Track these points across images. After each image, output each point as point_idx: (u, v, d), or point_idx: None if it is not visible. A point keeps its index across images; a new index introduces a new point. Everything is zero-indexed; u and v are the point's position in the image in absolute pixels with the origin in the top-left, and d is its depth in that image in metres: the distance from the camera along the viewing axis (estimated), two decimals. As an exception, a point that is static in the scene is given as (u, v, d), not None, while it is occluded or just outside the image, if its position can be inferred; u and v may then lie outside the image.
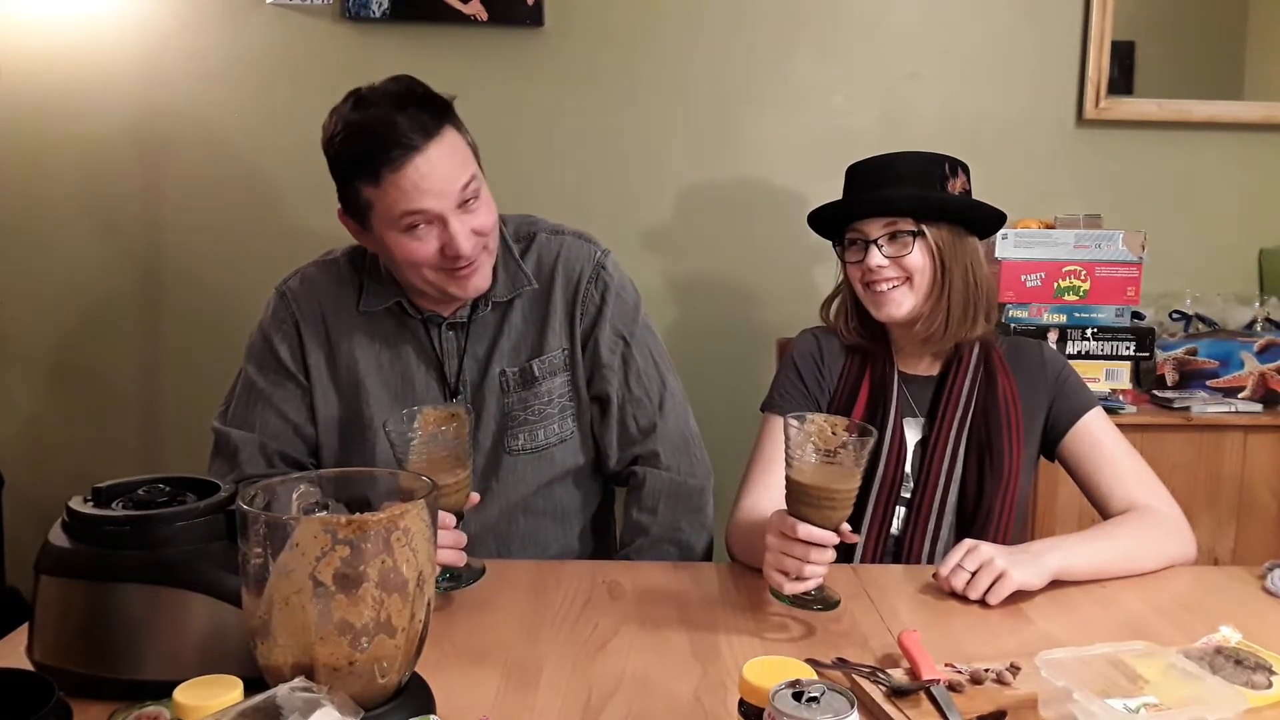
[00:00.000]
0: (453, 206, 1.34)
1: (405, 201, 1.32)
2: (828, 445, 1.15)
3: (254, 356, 1.51)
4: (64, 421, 2.43)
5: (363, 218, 1.38)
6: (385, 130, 1.30)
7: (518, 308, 1.50)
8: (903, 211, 1.49)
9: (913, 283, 1.50)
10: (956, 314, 1.51)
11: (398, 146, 1.30)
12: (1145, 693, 0.94)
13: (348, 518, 0.84)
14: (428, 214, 1.33)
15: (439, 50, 2.32)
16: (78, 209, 2.37)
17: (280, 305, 1.51)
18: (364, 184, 1.34)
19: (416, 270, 1.38)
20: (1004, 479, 1.49)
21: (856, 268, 1.52)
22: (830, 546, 1.16)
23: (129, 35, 2.33)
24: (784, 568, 1.17)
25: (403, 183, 1.31)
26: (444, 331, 1.49)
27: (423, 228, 1.34)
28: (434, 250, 1.35)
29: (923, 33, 2.40)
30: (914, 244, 1.49)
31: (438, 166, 1.32)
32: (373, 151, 1.30)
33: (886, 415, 1.53)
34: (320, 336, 1.49)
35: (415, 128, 1.31)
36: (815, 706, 0.74)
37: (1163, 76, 2.46)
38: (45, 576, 0.98)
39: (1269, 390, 2.21)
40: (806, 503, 1.15)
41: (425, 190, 1.31)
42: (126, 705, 0.93)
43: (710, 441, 2.33)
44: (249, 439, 1.46)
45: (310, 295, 1.50)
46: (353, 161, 1.34)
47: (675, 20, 2.37)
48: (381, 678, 0.87)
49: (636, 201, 2.41)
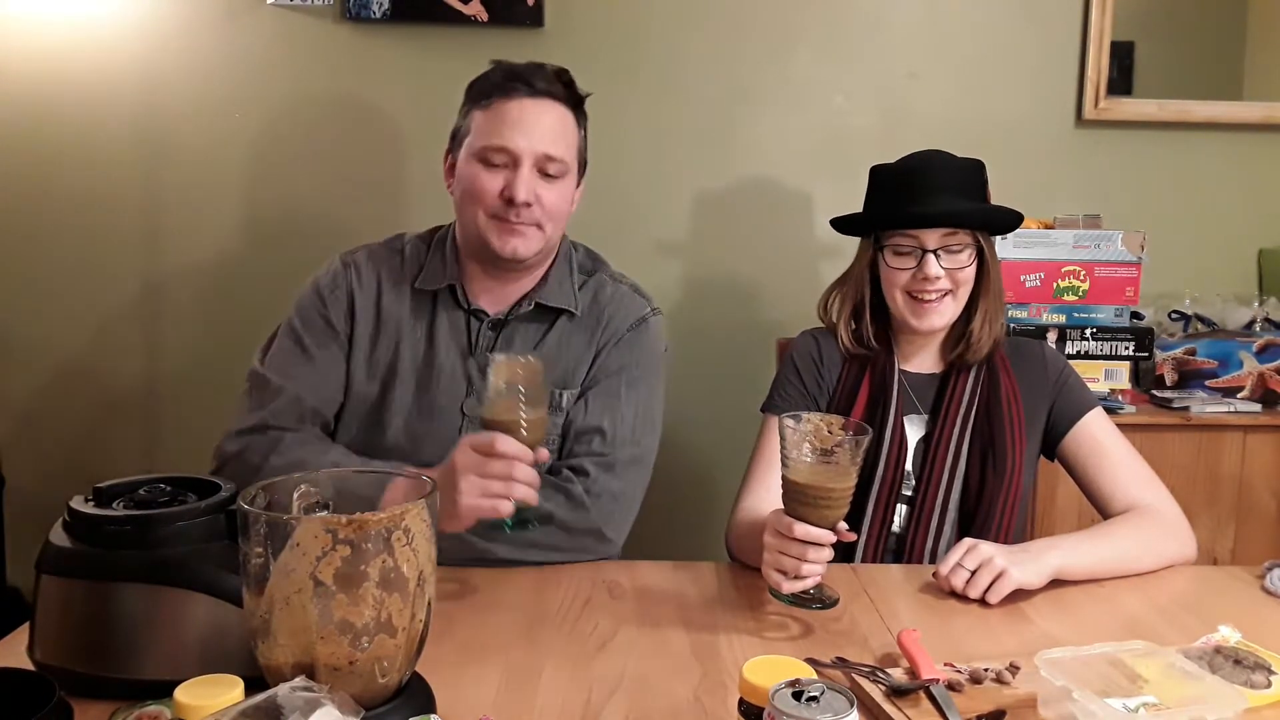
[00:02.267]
0: (531, 159, 1.41)
1: (496, 130, 1.41)
2: (824, 444, 1.15)
3: (302, 313, 1.50)
4: (64, 421, 2.43)
5: (458, 147, 1.47)
6: (521, 72, 1.43)
7: (557, 331, 1.50)
8: (969, 224, 1.48)
9: (957, 294, 1.51)
10: (993, 321, 1.53)
11: (522, 84, 1.42)
12: (1145, 692, 0.94)
13: (348, 517, 0.84)
14: (508, 151, 1.40)
15: (439, 51, 2.32)
16: (78, 209, 2.37)
17: (341, 272, 1.52)
18: (477, 108, 1.44)
19: (475, 207, 1.43)
20: (1007, 476, 1.49)
21: (902, 274, 1.50)
22: (828, 545, 1.16)
23: (129, 35, 2.32)
24: (782, 567, 1.17)
25: (504, 113, 1.41)
26: (484, 330, 1.49)
27: (498, 164, 1.41)
28: (497, 188, 1.41)
29: (923, 33, 2.40)
30: (972, 256, 1.49)
31: (541, 119, 1.42)
32: (501, 82, 1.43)
33: (887, 413, 1.53)
34: (370, 311, 1.50)
35: (545, 83, 1.43)
36: (815, 706, 0.75)
37: (1162, 77, 2.46)
38: (46, 576, 0.99)
39: (1268, 390, 2.21)
40: (803, 502, 1.15)
41: (517, 128, 1.40)
42: (127, 705, 0.93)
43: (710, 441, 2.35)
44: (287, 388, 1.44)
45: (371, 270, 1.52)
46: (482, 87, 1.45)
47: (675, 20, 2.37)
48: (382, 677, 0.88)
49: (637, 201, 2.40)
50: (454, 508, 1.19)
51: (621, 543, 1.45)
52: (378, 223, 2.07)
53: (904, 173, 1.54)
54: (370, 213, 2.34)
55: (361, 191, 2.38)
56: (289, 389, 1.44)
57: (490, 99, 1.42)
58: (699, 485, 2.39)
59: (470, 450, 1.21)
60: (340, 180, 2.37)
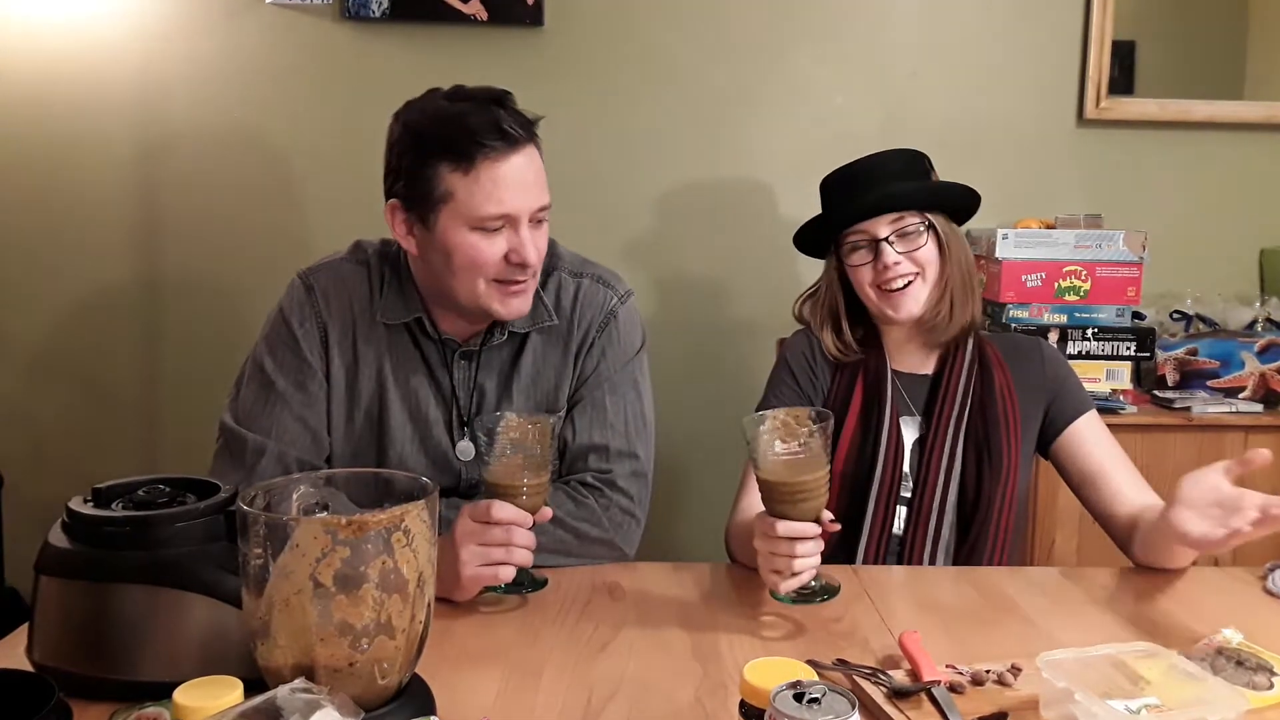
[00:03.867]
0: (528, 216, 1.31)
1: (495, 195, 1.28)
2: (794, 437, 1.14)
3: (273, 348, 1.39)
4: (64, 421, 2.43)
5: (429, 211, 1.30)
6: (490, 120, 1.27)
7: (531, 347, 1.43)
8: (911, 204, 1.49)
9: (925, 276, 1.51)
10: (958, 301, 1.52)
11: (499, 138, 1.27)
12: (1147, 694, 0.94)
13: (348, 518, 0.84)
14: (509, 215, 1.29)
15: (439, 50, 2.32)
16: (78, 209, 2.37)
17: (307, 300, 1.41)
18: (451, 170, 1.27)
19: (474, 275, 1.31)
20: (1003, 475, 1.49)
21: (866, 270, 1.52)
22: (814, 538, 1.15)
23: (128, 35, 2.32)
24: (776, 567, 1.17)
25: (494, 177, 1.27)
26: (456, 360, 1.42)
27: (498, 229, 1.30)
28: (500, 254, 1.30)
29: (923, 33, 2.40)
30: (927, 236, 1.49)
31: (527, 172, 1.30)
32: (475, 137, 1.26)
33: (882, 414, 1.53)
34: (347, 341, 1.40)
35: (517, 126, 1.29)
36: (816, 708, 0.74)
37: (1163, 76, 2.46)
38: (45, 577, 0.98)
39: (1269, 390, 2.21)
40: (782, 499, 1.15)
41: (513, 190, 1.29)
42: (126, 706, 0.93)
43: (708, 442, 2.35)
44: (267, 446, 1.34)
45: (341, 295, 1.41)
46: (446, 145, 1.27)
47: (675, 20, 2.37)
48: (382, 679, 0.87)
49: (637, 201, 2.40)
50: (457, 579, 1.19)
51: (634, 553, 1.41)
52: (378, 222, 2.05)
53: (844, 174, 1.57)
54: (370, 212, 2.32)
55: (361, 191, 2.35)
56: (270, 447, 1.34)
57: (471, 161, 1.27)
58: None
59: (469, 519, 1.19)
60: (340, 180, 2.36)
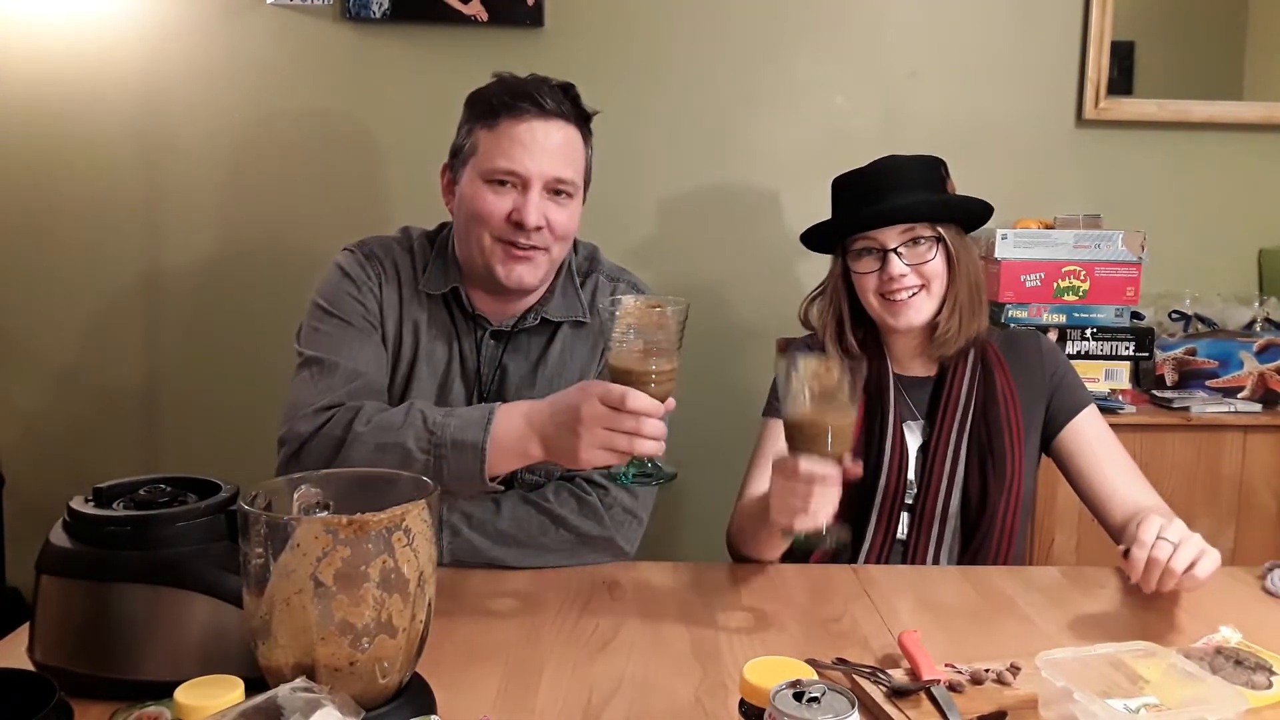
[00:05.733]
0: (541, 182, 1.37)
1: (505, 151, 1.36)
2: (825, 380, 1.13)
3: (336, 301, 1.43)
4: (64, 421, 2.43)
5: (461, 165, 1.42)
6: (529, 89, 1.38)
7: (560, 341, 1.47)
8: (922, 216, 1.48)
9: (930, 289, 1.50)
10: (966, 313, 1.51)
11: (530, 104, 1.37)
12: (1146, 693, 0.94)
13: (349, 518, 0.84)
14: (518, 174, 1.36)
15: (439, 50, 2.32)
16: (78, 209, 2.37)
17: (366, 262, 1.46)
18: (482, 126, 1.39)
19: (480, 228, 1.38)
20: (1007, 480, 1.49)
21: (871, 278, 1.51)
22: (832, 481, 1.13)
23: (129, 36, 2.32)
24: (793, 505, 1.14)
25: (513, 134, 1.36)
26: (486, 338, 1.46)
27: (507, 186, 1.37)
28: (504, 211, 1.37)
29: (923, 33, 2.40)
30: (936, 249, 1.48)
31: (550, 140, 1.37)
32: (507, 99, 1.37)
33: (885, 420, 1.52)
34: (394, 303, 1.45)
35: (553, 101, 1.38)
36: (816, 707, 0.75)
37: (1162, 76, 2.46)
38: (46, 576, 0.98)
39: (1268, 390, 2.21)
40: (806, 442, 1.14)
41: (527, 150, 1.36)
42: (127, 705, 0.93)
43: (709, 443, 2.34)
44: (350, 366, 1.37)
45: (389, 263, 1.47)
46: (486, 103, 1.39)
47: (675, 20, 2.37)
48: (382, 678, 0.88)
49: (637, 201, 2.40)
50: (574, 455, 1.15)
51: (634, 552, 1.42)
52: (378, 221, 2.07)
53: (859, 178, 1.55)
54: (370, 212, 2.34)
55: (362, 191, 2.37)
56: (352, 366, 1.37)
57: (497, 118, 1.37)
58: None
59: (598, 403, 1.13)
60: (341, 179, 2.36)
